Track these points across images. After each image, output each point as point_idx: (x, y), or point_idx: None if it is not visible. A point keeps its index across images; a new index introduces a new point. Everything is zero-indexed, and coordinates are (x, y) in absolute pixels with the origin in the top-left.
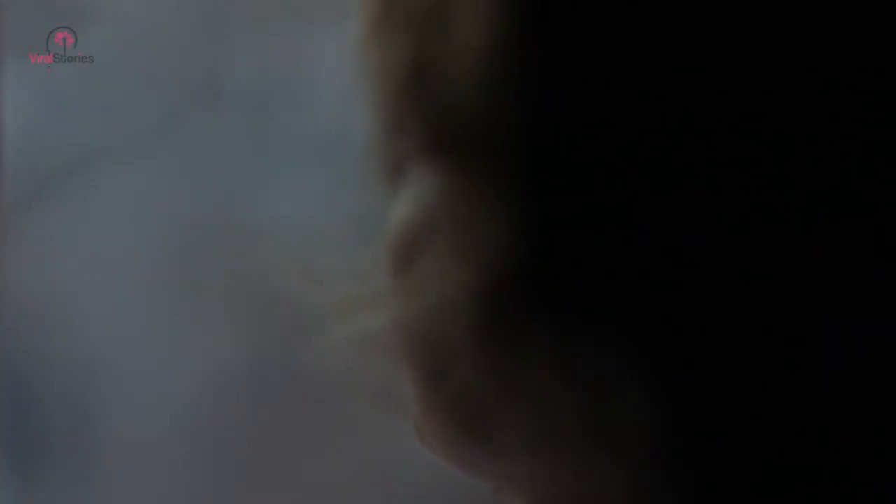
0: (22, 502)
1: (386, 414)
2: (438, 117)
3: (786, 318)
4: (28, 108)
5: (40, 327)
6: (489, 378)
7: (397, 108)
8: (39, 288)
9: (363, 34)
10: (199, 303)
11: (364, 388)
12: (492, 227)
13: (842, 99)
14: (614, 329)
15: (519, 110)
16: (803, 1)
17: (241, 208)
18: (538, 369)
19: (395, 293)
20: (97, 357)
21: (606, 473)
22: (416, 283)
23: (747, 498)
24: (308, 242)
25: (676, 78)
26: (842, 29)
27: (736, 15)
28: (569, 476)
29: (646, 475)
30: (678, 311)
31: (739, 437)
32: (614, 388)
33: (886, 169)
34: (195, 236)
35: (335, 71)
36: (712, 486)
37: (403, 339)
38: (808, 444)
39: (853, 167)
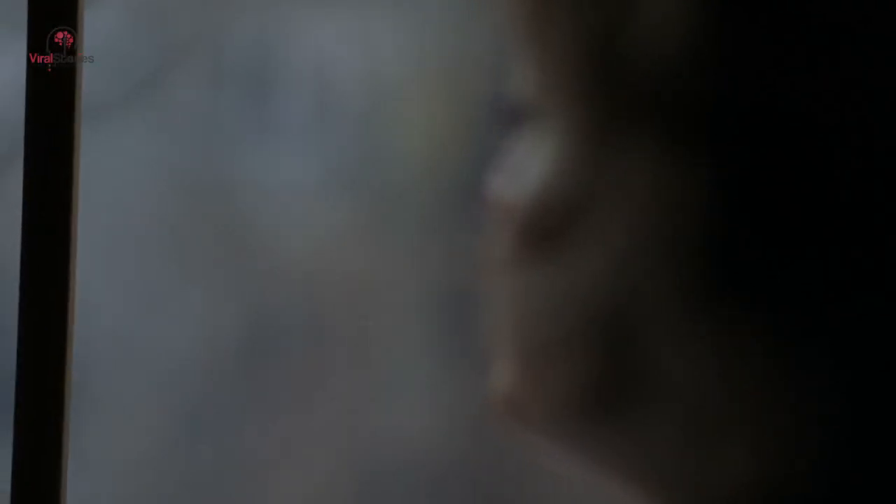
0: (4, 458)
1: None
2: (633, 89)
3: None
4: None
5: None
6: (667, 356)
7: (575, 76)
8: None
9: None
10: (190, 262)
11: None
12: (691, 205)
13: None
14: (808, 320)
15: (728, 84)
16: None
17: (235, 169)
18: (729, 353)
19: (550, 264)
20: (86, 313)
21: (769, 463)
22: (582, 256)
23: None
24: (301, 203)
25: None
26: None
27: None
28: (725, 464)
29: (806, 468)
30: (868, 306)
31: None
32: (795, 381)
33: None
34: (189, 196)
35: (332, 38)
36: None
37: (567, 308)
38: None
39: None
